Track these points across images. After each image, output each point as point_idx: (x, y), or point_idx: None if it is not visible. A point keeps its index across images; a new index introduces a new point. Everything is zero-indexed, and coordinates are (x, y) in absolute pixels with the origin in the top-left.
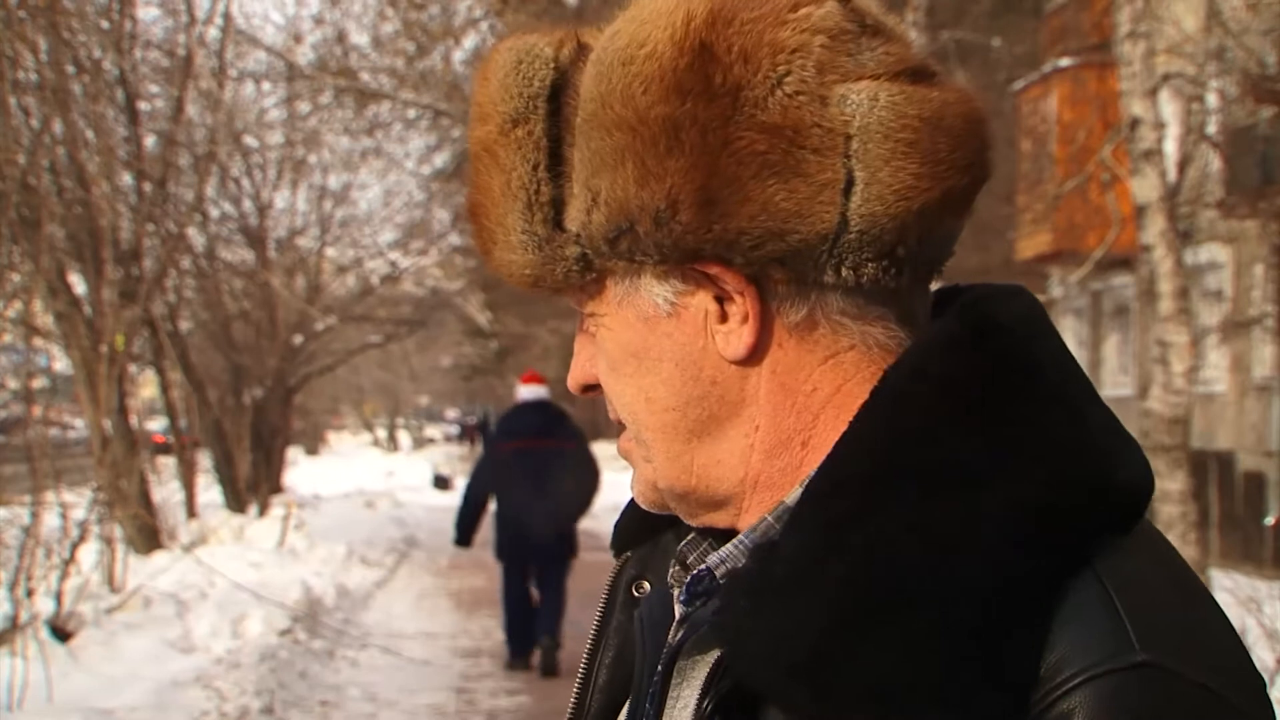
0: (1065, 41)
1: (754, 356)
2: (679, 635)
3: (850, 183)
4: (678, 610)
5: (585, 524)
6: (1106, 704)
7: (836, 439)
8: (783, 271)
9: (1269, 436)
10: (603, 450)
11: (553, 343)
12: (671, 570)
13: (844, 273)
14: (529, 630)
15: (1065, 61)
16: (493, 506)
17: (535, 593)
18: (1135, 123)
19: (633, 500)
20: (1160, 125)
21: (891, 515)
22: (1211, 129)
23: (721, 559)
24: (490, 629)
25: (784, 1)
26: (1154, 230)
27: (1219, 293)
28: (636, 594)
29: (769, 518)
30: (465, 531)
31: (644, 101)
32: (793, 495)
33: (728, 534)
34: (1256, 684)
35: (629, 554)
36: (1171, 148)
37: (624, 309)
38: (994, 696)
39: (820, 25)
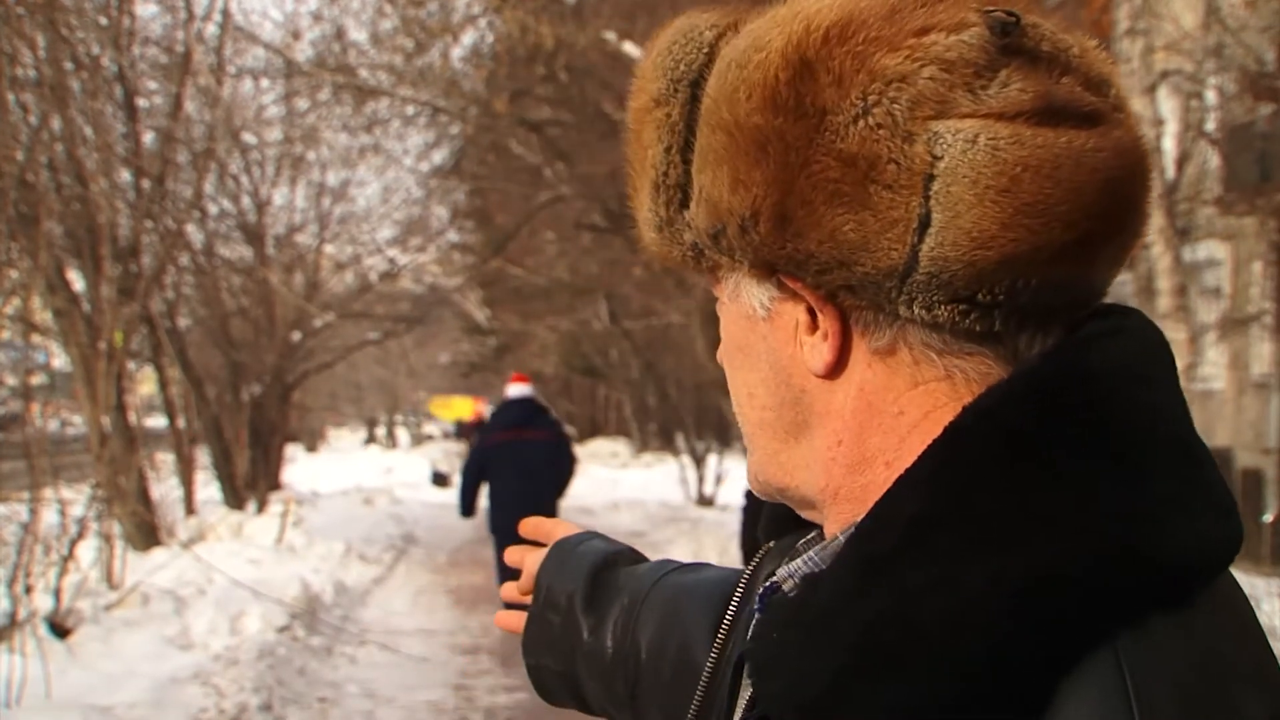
0: None
1: (837, 372)
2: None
3: (925, 223)
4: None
5: (584, 520)
6: None
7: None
8: (853, 298)
9: (1267, 434)
10: (604, 446)
11: (551, 339)
12: (789, 564)
13: (916, 310)
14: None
15: None
16: (486, 488)
17: None
18: None
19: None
20: (1159, 122)
21: (922, 566)
22: (1210, 126)
23: (790, 573)
24: (489, 626)
25: (916, 24)
26: (1152, 227)
27: (1217, 290)
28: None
29: (840, 536)
30: (467, 505)
31: (744, 108)
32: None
33: None
34: None
35: (770, 546)
36: (1170, 145)
37: (734, 303)
38: None
39: (938, 55)
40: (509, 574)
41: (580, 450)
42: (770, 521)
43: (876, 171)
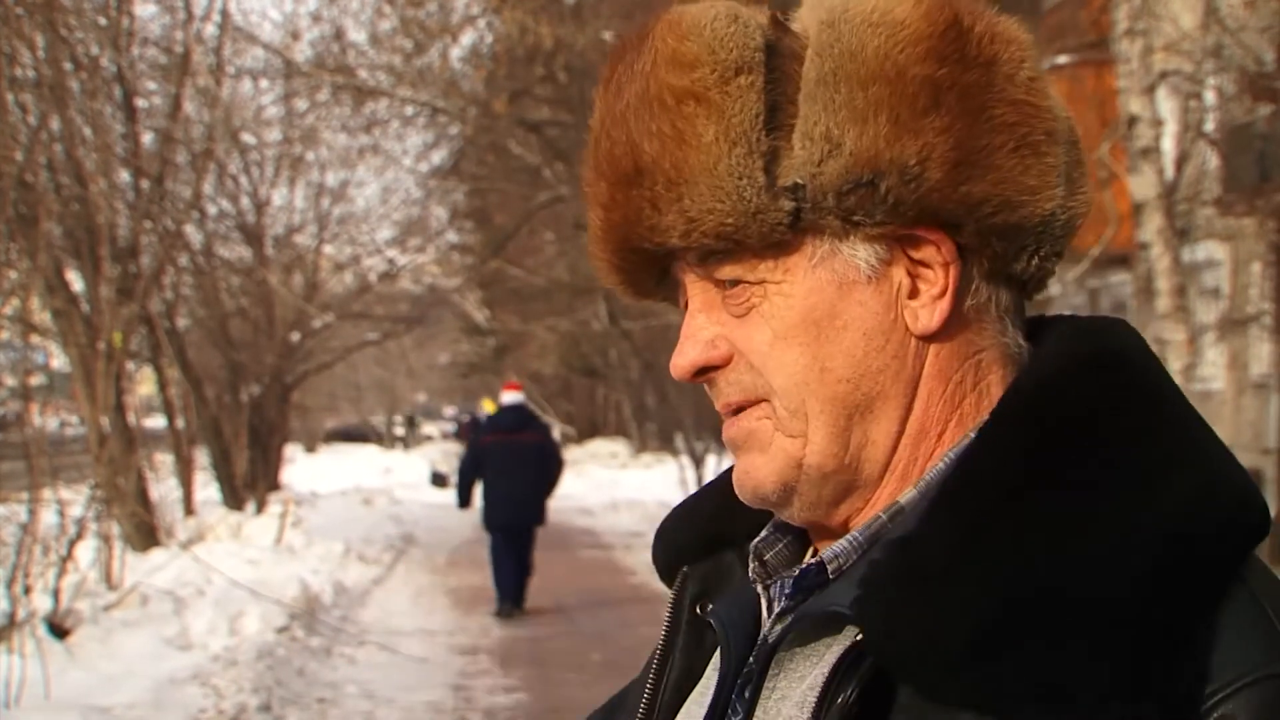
0: (1063, 39)
1: (935, 336)
2: (779, 628)
3: (1069, 175)
4: (770, 605)
5: (583, 521)
6: (1266, 708)
7: (961, 437)
8: (996, 247)
9: (1266, 434)
10: (603, 447)
11: (550, 340)
12: (752, 567)
13: (1034, 262)
14: (513, 585)
15: (1063, 59)
16: (481, 486)
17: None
18: (1133, 120)
19: (681, 515)
20: (1158, 123)
21: (1045, 524)
22: (1209, 126)
23: (836, 554)
24: (488, 626)
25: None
26: (1151, 228)
27: (1216, 290)
28: (700, 613)
29: (883, 516)
30: (464, 498)
31: (902, 60)
32: (907, 496)
33: (802, 535)
34: None
35: (686, 572)
36: (1169, 145)
37: (818, 272)
38: (1161, 700)
39: (1022, 34)
40: (503, 564)
41: (579, 451)
42: (670, 549)
43: (1042, 121)
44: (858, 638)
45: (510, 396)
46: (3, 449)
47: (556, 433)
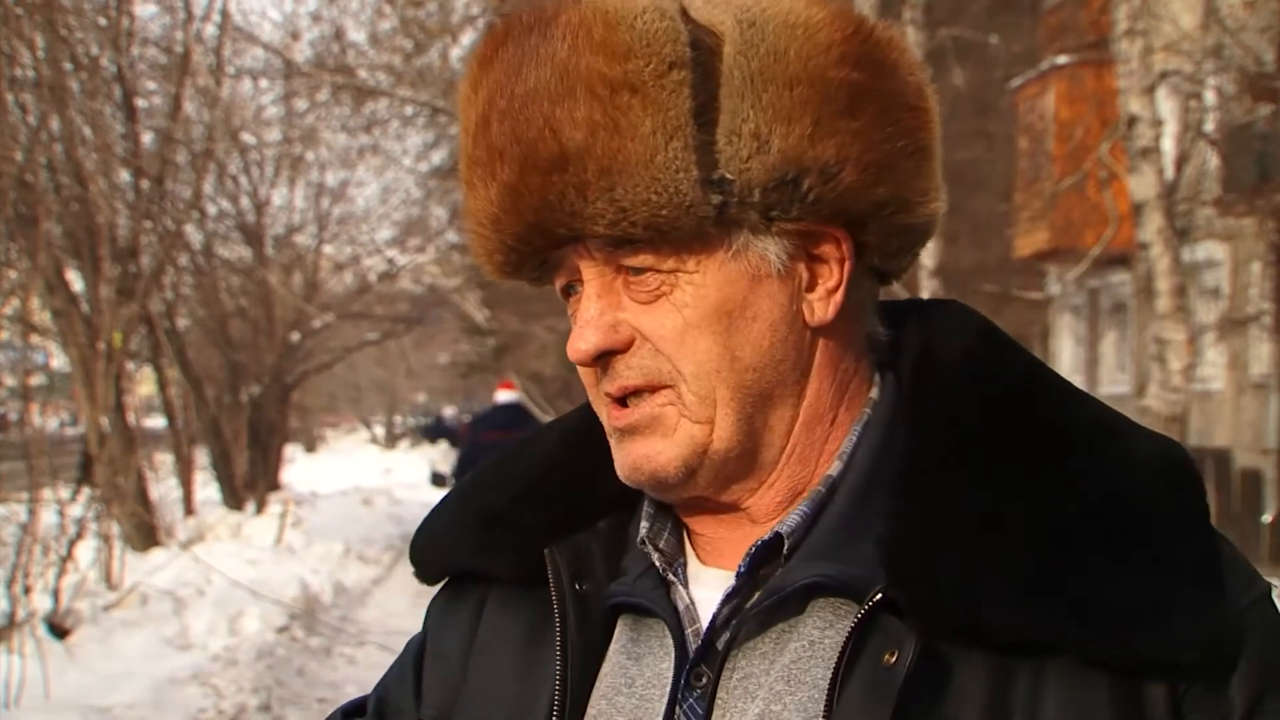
0: (1063, 39)
1: (826, 328)
2: (732, 608)
3: (940, 178)
4: (692, 593)
5: None
6: (1270, 621)
7: (857, 418)
8: (890, 245)
9: (1266, 434)
10: None
11: (550, 340)
12: (656, 557)
13: (908, 258)
14: None
15: (1063, 59)
16: None
17: None
18: (1133, 120)
19: (528, 499)
20: (1158, 123)
21: (1042, 468)
22: (1209, 126)
23: (791, 528)
24: None
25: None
26: (1151, 228)
27: (1216, 290)
28: (580, 589)
29: (821, 489)
30: None
31: (821, 63)
32: (834, 468)
33: (678, 520)
34: None
35: (550, 553)
36: (1169, 145)
37: (733, 264)
38: (1212, 611)
39: (908, 41)
40: None
41: None
42: (527, 530)
43: (931, 126)
44: (873, 600)
45: (504, 395)
46: (3, 449)
47: None
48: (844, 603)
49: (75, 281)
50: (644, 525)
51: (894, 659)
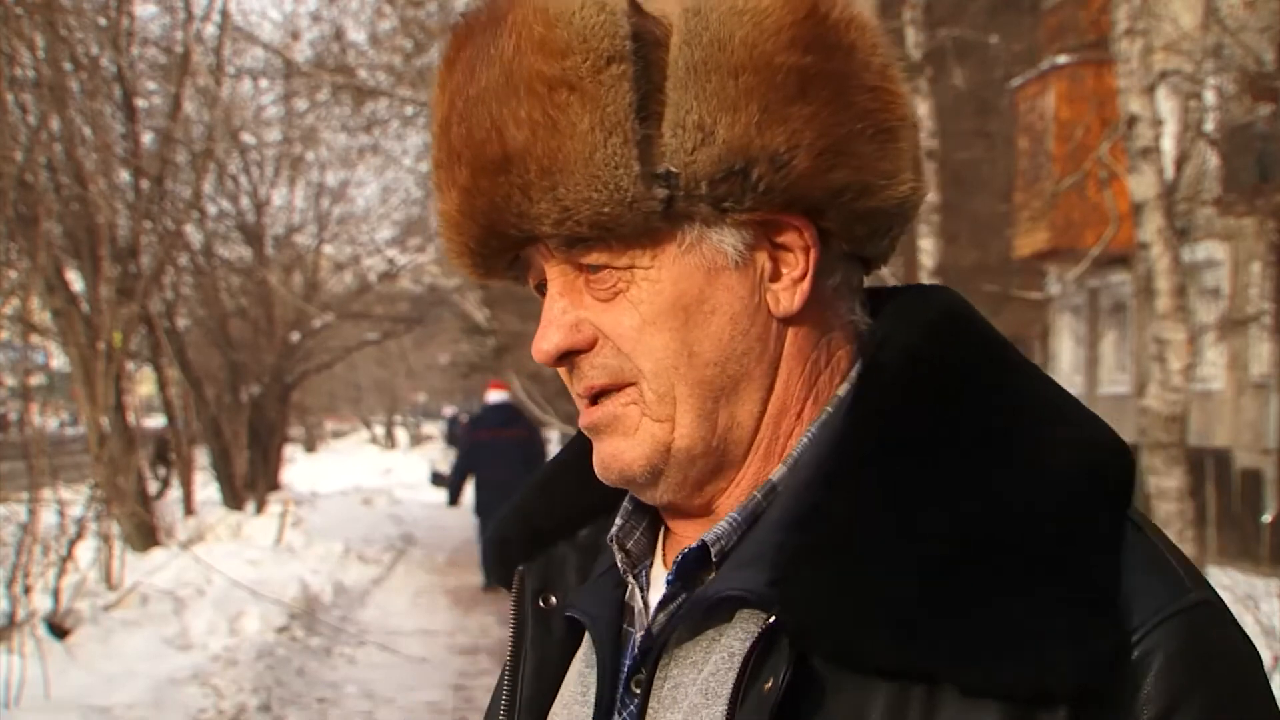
0: (1063, 39)
1: (794, 318)
2: (664, 616)
3: (917, 161)
4: (643, 595)
5: None
6: (1181, 640)
7: (820, 413)
8: (856, 231)
9: (1266, 434)
10: None
11: None
12: (619, 558)
13: (885, 242)
14: None
15: (1063, 59)
16: (473, 479)
17: None
18: (1133, 120)
19: (511, 519)
20: (1158, 123)
21: (954, 481)
22: (1209, 126)
23: (718, 536)
24: (488, 626)
25: None
26: (1151, 228)
27: (1216, 290)
28: (543, 605)
29: (757, 495)
30: (454, 495)
31: (769, 48)
32: (777, 474)
33: (655, 522)
34: None
35: (521, 571)
36: (1169, 145)
37: (687, 258)
38: (1109, 635)
39: (872, 21)
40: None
41: None
42: (505, 550)
43: (896, 107)
44: (769, 621)
45: (496, 395)
46: (3, 449)
47: (557, 433)
48: (763, 614)
49: (75, 281)
50: (617, 523)
51: (769, 685)
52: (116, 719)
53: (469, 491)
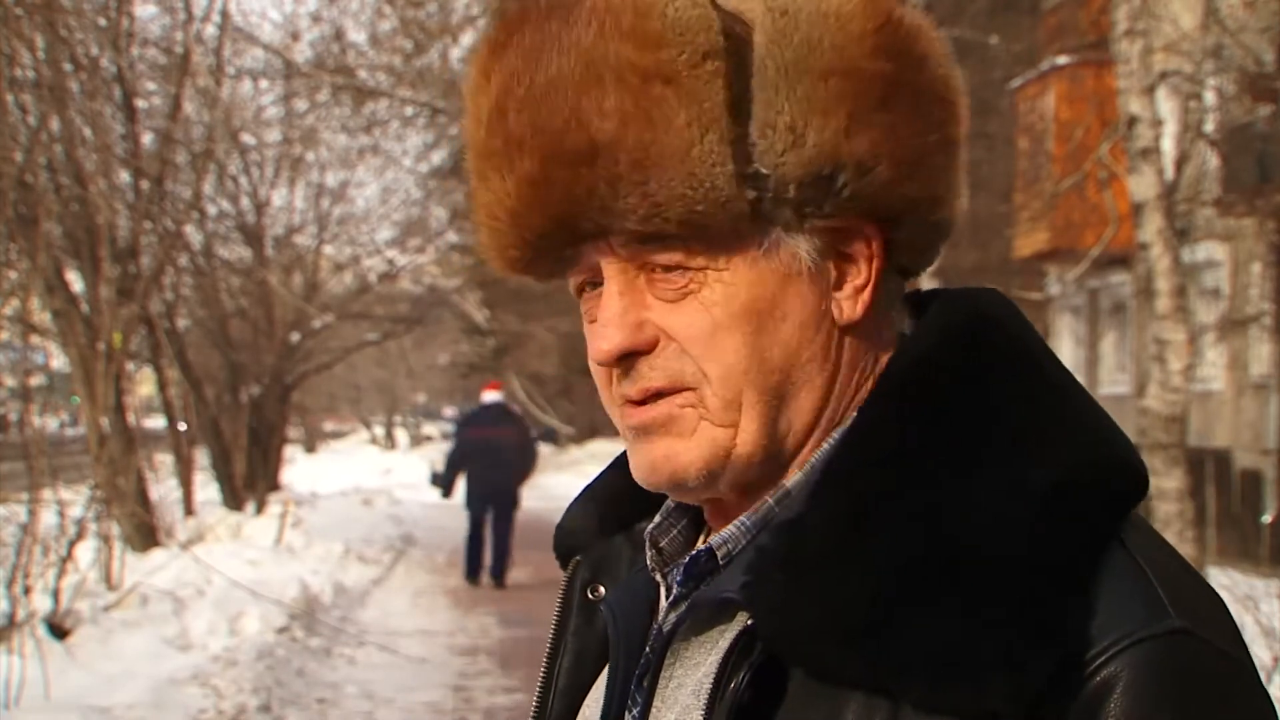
0: (1063, 39)
1: (852, 327)
2: (674, 616)
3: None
4: (667, 594)
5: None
6: (1148, 668)
7: (851, 419)
8: (920, 242)
9: (1266, 434)
10: (603, 447)
11: (550, 340)
12: (649, 555)
13: (933, 255)
14: (479, 560)
15: (1063, 59)
16: (465, 475)
17: (489, 534)
18: (1133, 120)
19: (577, 505)
20: (1158, 123)
21: (926, 492)
22: (1209, 127)
23: (724, 539)
24: (488, 627)
25: None
26: (1151, 228)
27: (1216, 291)
28: (592, 597)
29: (770, 500)
30: (446, 488)
31: (855, 53)
32: (793, 480)
33: (695, 521)
34: (1249, 654)
35: (579, 559)
36: (1169, 145)
37: (763, 262)
38: (1046, 660)
39: (936, 30)
40: (477, 541)
41: (580, 451)
42: (568, 537)
43: (960, 119)
44: (749, 623)
45: (490, 395)
46: (3, 449)
47: (556, 433)
48: (749, 618)
49: (75, 281)
50: (655, 519)
51: (733, 685)
52: (116, 719)
53: (460, 489)
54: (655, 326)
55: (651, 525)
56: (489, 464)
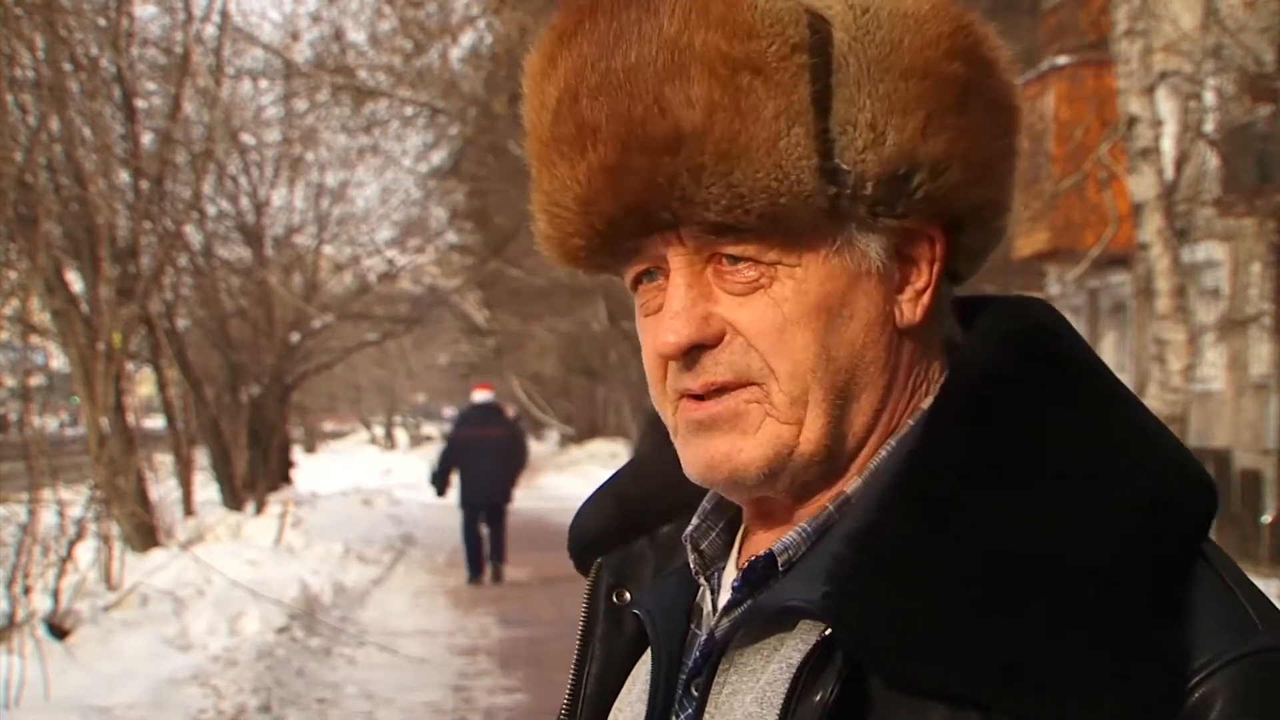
0: (1062, 39)
1: (911, 330)
2: (727, 622)
3: None
4: (713, 599)
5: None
6: (1245, 686)
7: (904, 426)
8: (980, 246)
9: (1266, 434)
10: (603, 447)
11: (549, 340)
12: (692, 559)
13: (983, 261)
14: (479, 557)
15: (1062, 59)
16: (458, 474)
17: (484, 531)
18: (1132, 121)
19: (592, 506)
20: (1157, 123)
21: (1008, 506)
22: (1209, 127)
23: (785, 546)
24: (487, 627)
25: None
26: (1151, 228)
27: (1216, 291)
28: (617, 601)
29: (830, 507)
30: (440, 485)
31: (933, 55)
32: (853, 486)
33: (732, 524)
34: None
35: (600, 563)
36: (1169, 146)
37: (835, 260)
38: (1150, 678)
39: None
40: (473, 538)
41: (579, 451)
42: (586, 539)
43: (1019, 128)
44: (825, 633)
45: (480, 395)
46: (3, 449)
47: (555, 433)
48: (824, 627)
49: (75, 282)
50: (694, 522)
51: (819, 698)
52: (116, 719)
53: (454, 486)
54: (722, 320)
55: (691, 528)
56: (480, 463)
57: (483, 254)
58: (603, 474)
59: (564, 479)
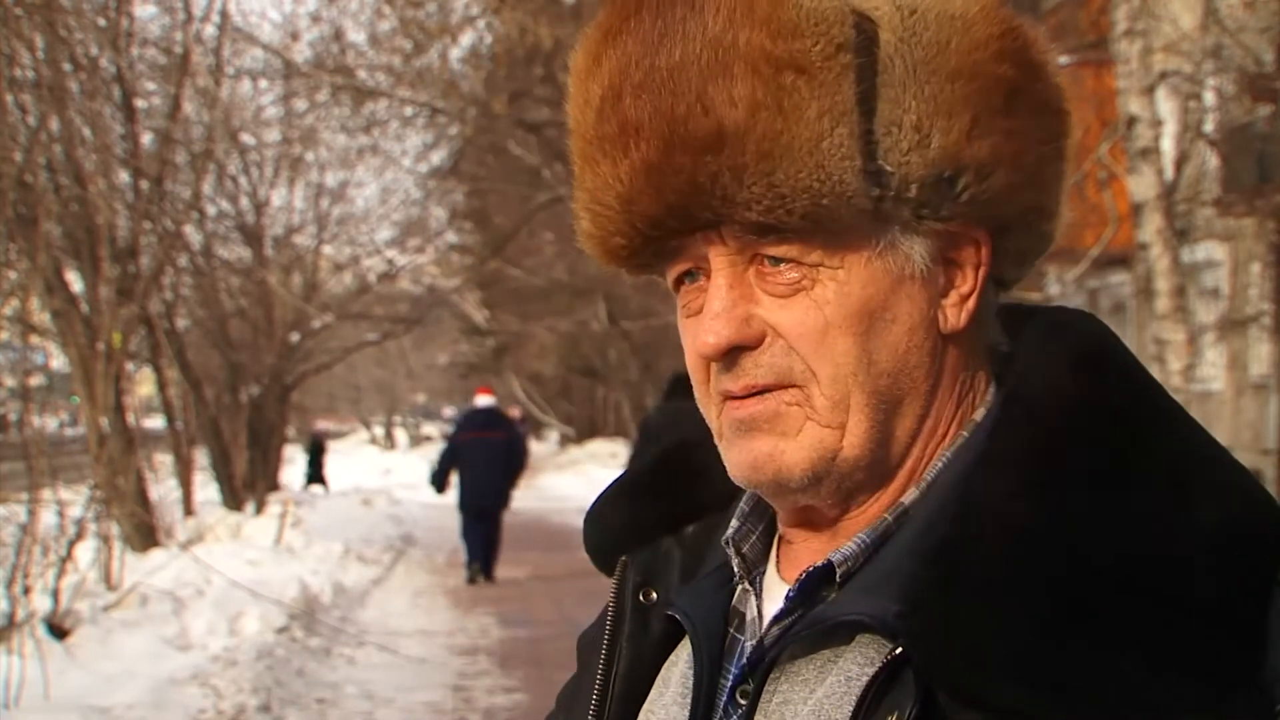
0: (1062, 39)
1: (955, 336)
2: (778, 630)
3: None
4: (756, 604)
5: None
6: None
7: (955, 436)
8: (1027, 252)
9: (1266, 434)
10: (603, 447)
11: (549, 340)
12: (735, 562)
13: (1029, 267)
14: (478, 555)
15: (1062, 59)
16: (456, 475)
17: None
18: (1132, 121)
19: (607, 504)
20: (1157, 123)
21: (1093, 528)
22: (1209, 127)
23: (845, 557)
24: (487, 626)
25: None
26: (1151, 228)
27: (1216, 291)
28: (643, 600)
29: (888, 517)
30: (439, 484)
31: (980, 57)
32: (910, 497)
33: (770, 527)
34: None
35: (625, 561)
36: (1169, 146)
37: (877, 262)
38: (1239, 707)
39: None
40: (473, 539)
41: (579, 451)
42: (608, 536)
43: (1070, 131)
44: (896, 651)
45: (482, 399)
46: (2, 449)
47: (555, 433)
48: (886, 642)
49: (75, 282)
50: (733, 525)
51: (910, 715)
52: (116, 719)
53: (454, 487)
54: (763, 322)
55: (731, 530)
56: (479, 465)
57: (482, 254)
58: (603, 474)
59: (564, 479)
